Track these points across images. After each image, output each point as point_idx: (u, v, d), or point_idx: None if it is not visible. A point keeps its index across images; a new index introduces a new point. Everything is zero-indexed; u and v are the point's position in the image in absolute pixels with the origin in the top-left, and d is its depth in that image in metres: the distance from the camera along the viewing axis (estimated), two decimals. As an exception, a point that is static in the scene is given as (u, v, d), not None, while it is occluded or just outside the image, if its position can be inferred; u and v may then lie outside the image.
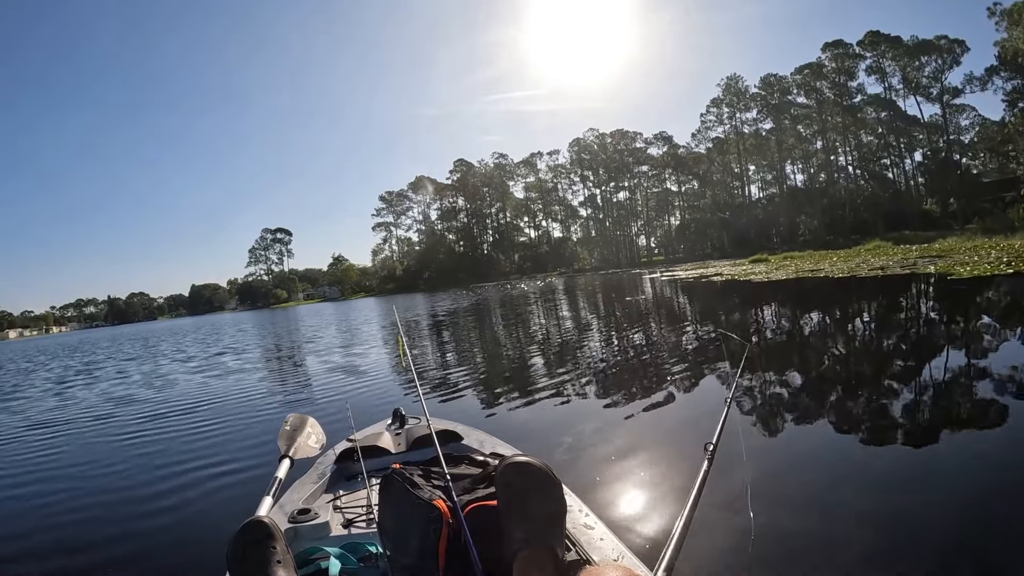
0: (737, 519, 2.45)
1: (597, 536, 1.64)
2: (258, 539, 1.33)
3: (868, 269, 15.85)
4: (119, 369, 14.22)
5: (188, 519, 3.35)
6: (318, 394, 7.19)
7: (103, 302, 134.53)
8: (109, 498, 3.97)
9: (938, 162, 59.64)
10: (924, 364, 5.30)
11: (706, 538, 2.30)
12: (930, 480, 2.81)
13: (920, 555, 2.17)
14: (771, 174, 69.08)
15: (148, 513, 3.51)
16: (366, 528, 1.84)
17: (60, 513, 3.76)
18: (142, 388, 9.73)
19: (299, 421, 2.45)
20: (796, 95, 64.19)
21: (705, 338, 8.08)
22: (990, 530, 2.29)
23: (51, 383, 12.69)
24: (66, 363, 19.10)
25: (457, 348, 11.22)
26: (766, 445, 3.60)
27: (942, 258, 16.34)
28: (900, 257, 19.89)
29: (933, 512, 2.47)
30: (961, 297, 9.12)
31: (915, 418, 3.78)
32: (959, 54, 56.64)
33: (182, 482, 4.03)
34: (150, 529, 3.26)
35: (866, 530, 2.36)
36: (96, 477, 4.57)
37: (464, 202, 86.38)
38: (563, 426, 4.43)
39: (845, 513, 2.53)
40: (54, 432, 6.68)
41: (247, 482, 3.83)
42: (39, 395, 10.65)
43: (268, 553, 1.31)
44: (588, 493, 2.82)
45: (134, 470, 4.59)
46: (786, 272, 19.61)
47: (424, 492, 1.47)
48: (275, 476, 1.97)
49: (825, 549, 2.27)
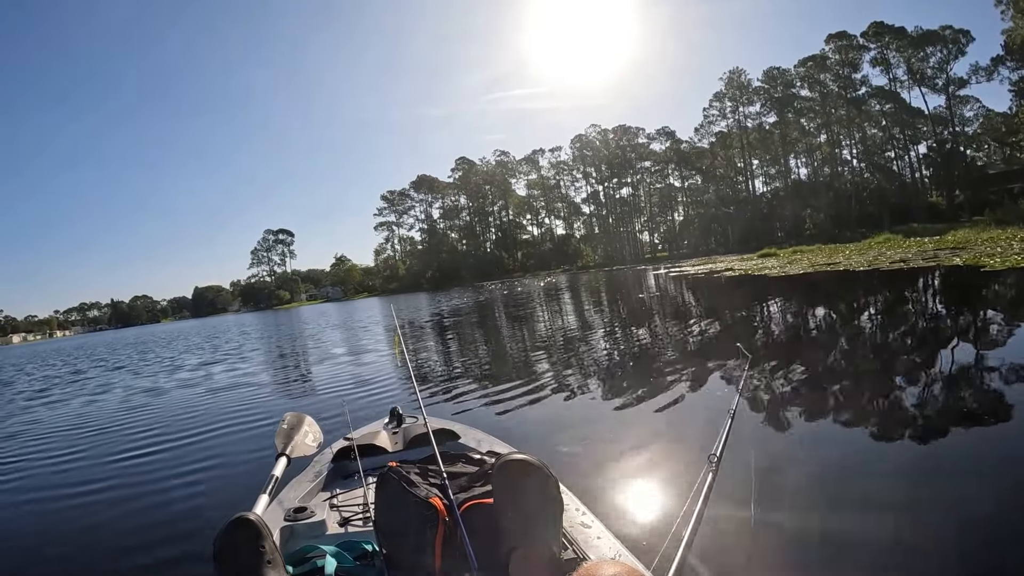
0: (738, 528, 2.36)
1: (594, 535, 1.63)
2: (247, 537, 1.30)
3: (889, 262, 15.51)
4: (130, 372, 13.94)
5: (183, 515, 3.32)
6: (316, 393, 7.19)
7: (106, 305, 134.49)
8: (107, 496, 3.94)
9: (943, 154, 59.22)
10: (984, 364, 4.96)
11: (707, 546, 2.16)
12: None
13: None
14: (775, 168, 68.69)
15: (142, 509, 3.51)
16: (363, 526, 1.83)
17: (61, 511, 3.76)
18: (141, 390, 9.48)
19: (296, 420, 2.44)
20: (800, 88, 63.76)
21: (715, 339, 7.76)
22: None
23: (59, 385, 12.40)
24: (80, 363, 18.82)
25: (457, 348, 11.11)
26: (775, 453, 3.33)
27: (963, 250, 16.00)
28: (917, 249, 19.55)
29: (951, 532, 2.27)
30: (1004, 288, 8.78)
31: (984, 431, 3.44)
32: (964, 44, 56.20)
33: (179, 480, 4.00)
34: (144, 526, 3.25)
35: (870, 549, 2.21)
36: (92, 475, 4.53)
37: (466, 200, 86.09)
38: (562, 427, 4.39)
39: (852, 529, 2.38)
40: (58, 434, 6.42)
41: (244, 479, 3.79)
42: (45, 402, 10.34)
43: (256, 551, 1.28)
44: (585, 494, 2.71)
45: (131, 467, 4.54)
46: (801, 266, 19.27)
47: (421, 490, 1.47)
48: (272, 474, 1.97)
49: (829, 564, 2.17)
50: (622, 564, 0.92)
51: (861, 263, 16.59)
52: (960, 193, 57.27)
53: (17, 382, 14.81)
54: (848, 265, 16.63)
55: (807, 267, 18.46)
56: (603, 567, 0.89)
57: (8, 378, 16.56)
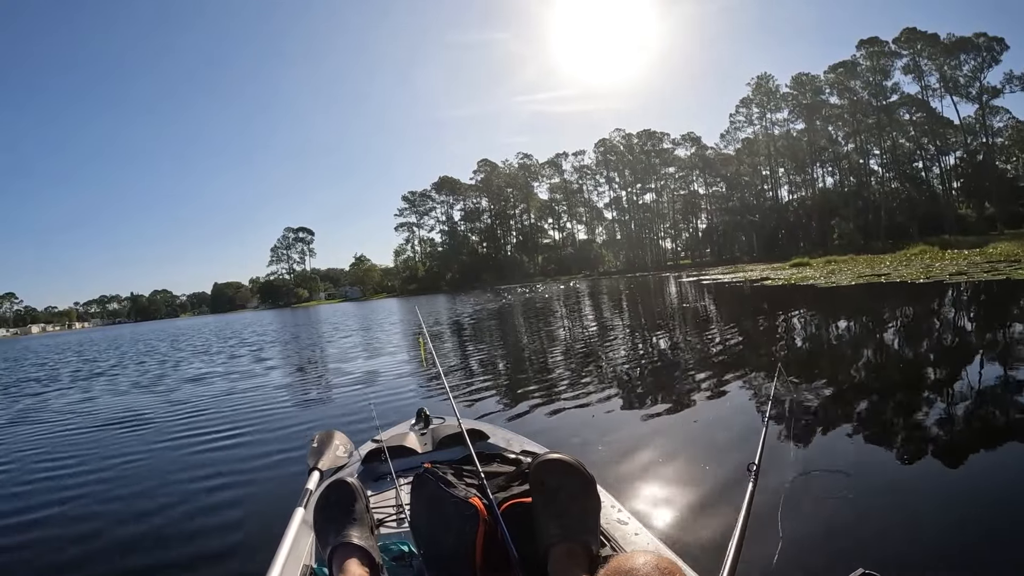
0: (764, 541, 2.30)
1: (632, 531, 1.63)
2: (341, 496, 1.46)
3: (949, 274, 15.07)
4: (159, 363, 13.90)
5: (217, 531, 3.21)
6: (343, 395, 7.18)
7: (126, 299, 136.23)
8: (131, 503, 3.85)
9: (974, 165, 58.12)
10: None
11: (746, 556, 2.05)
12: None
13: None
14: (800, 176, 67.87)
15: (173, 523, 3.38)
16: (397, 528, 1.82)
17: (66, 523, 3.63)
18: (168, 393, 9.27)
19: (326, 436, 2.49)
20: (829, 95, 62.98)
21: (777, 353, 7.45)
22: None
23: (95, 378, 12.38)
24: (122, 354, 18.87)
25: (480, 351, 11.03)
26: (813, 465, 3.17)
27: (1016, 263, 15.54)
28: (966, 262, 19.07)
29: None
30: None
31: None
32: (998, 52, 55.24)
33: (217, 494, 3.84)
34: (179, 539, 3.16)
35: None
36: (116, 477, 4.48)
37: (488, 203, 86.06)
38: (594, 431, 4.35)
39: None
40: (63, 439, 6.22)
41: (274, 491, 3.74)
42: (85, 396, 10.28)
43: (348, 509, 1.43)
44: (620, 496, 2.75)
45: (164, 478, 4.37)
46: (847, 277, 18.84)
47: (459, 490, 1.46)
48: (305, 488, 2.02)
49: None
50: (652, 553, 0.92)
51: (914, 275, 16.15)
52: (990, 205, 56.24)
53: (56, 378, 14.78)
54: (902, 277, 16.20)
55: (854, 278, 18.03)
56: (635, 557, 0.91)
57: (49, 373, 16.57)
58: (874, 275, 18.08)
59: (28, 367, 19.04)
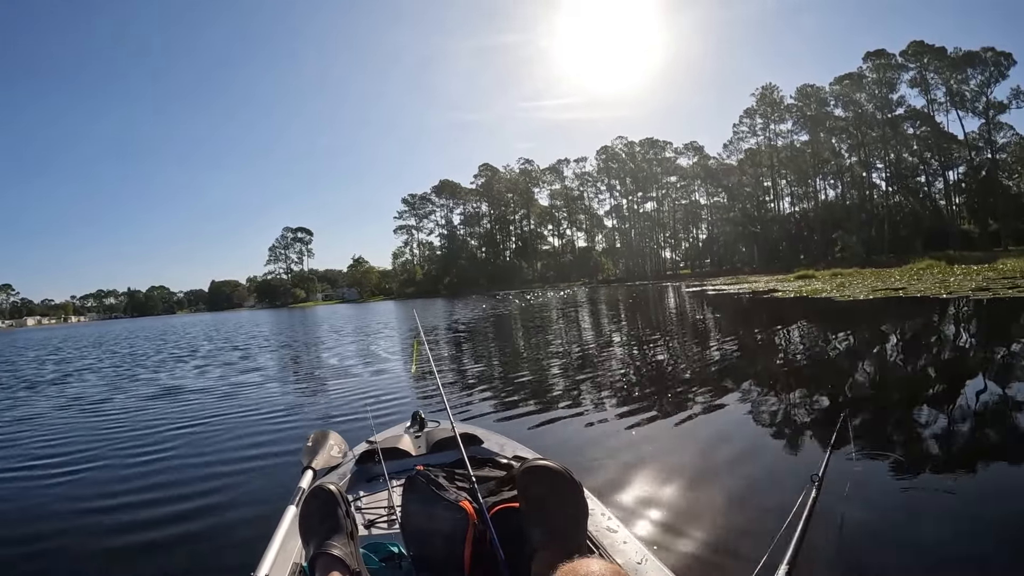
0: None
1: (620, 539, 1.62)
2: (321, 504, 1.44)
3: (970, 289, 14.45)
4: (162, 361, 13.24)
5: (208, 531, 3.11)
6: (339, 396, 7.09)
7: (123, 294, 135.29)
8: (127, 499, 3.73)
9: (979, 181, 57.76)
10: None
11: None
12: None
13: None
14: (802, 188, 67.49)
15: (168, 519, 3.28)
16: (387, 529, 1.82)
17: (68, 516, 3.52)
18: (164, 390, 8.79)
19: (321, 436, 2.51)
20: (834, 107, 62.65)
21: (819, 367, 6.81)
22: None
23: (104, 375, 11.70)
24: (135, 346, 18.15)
25: (476, 356, 10.92)
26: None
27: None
28: (981, 277, 18.51)
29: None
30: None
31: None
32: (1006, 67, 55.04)
33: (210, 489, 3.78)
34: (171, 539, 3.03)
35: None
36: (113, 476, 4.29)
37: (488, 208, 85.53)
38: (587, 439, 4.33)
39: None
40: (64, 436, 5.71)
41: (271, 491, 3.60)
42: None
43: (328, 517, 1.41)
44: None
45: (156, 474, 4.28)
46: (860, 290, 18.23)
47: (450, 493, 1.47)
48: (299, 487, 2.02)
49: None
50: (607, 564, 0.93)
51: (934, 290, 15.54)
52: (993, 221, 55.83)
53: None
54: (920, 292, 15.58)
55: (868, 292, 17.42)
56: (589, 564, 0.91)
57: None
58: (889, 289, 17.46)
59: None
